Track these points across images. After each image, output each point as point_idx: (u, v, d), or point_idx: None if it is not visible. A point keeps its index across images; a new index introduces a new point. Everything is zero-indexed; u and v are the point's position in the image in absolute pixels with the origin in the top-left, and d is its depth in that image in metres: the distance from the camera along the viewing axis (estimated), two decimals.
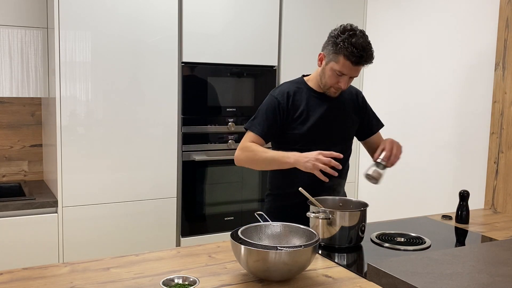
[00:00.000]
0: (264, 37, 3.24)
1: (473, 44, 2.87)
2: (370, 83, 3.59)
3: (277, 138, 2.12)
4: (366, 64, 1.96)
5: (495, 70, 2.67)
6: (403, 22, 3.33)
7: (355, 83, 3.57)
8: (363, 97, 2.24)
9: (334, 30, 1.99)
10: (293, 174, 1.99)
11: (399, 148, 2.05)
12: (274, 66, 3.32)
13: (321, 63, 2.03)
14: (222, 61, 3.13)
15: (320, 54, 2.04)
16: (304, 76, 2.17)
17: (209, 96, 3.11)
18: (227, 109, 3.17)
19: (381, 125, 2.27)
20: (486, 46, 2.77)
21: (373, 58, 1.96)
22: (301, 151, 1.97)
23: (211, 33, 3.06)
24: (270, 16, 3.25)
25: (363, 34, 1.94)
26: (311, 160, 1.86)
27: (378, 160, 2.00)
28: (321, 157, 1.86)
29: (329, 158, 1.85)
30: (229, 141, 3.17)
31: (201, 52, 3.05)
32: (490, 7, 2.75)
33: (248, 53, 3.20)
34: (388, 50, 3.41)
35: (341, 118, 2.13)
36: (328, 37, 2.01)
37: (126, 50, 2.83)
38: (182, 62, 3.01)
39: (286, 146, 2.07)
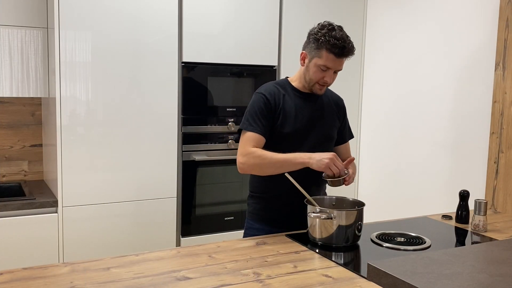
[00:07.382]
0: (264, 37, 3.24)
1: (473, 44, 2.87)
2: (370, 83, 3.59)
3: None
4: (348, 55, 1.98)
5: (495, 70, 2.67)
6: (403, 22, 3.33)
7: (353, 83, 3.60)
8: (344, 105, 2.25)
9: (313, 28, 2.03)
10: (276, 177, 1.98)
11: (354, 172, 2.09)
12: (274, 66, 3.31)
13: (304, 62, 2.06)
14: (222, 61, 3.12)
15: (302, 53, 2.06)
16: (287, 77, 2.18)
17: (209, 96, 3.11)
18: (227, 109, 3.17)
19: (352, 137, 2.30)
20: (486, 46, 2.77)
21: (354, 50, 1.99)
22: (286, 150, 1.96)
23: (211, 33, 3.06)
24: (270, 16, 3.25)
25: (341, 28, 1.99)
26: (327, 158, 1.88)
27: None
28: (335, 159, 1.89)
29: (342, 166, 1.91)
30: (229, 141, 3.17)
31: (201, 52, 3.05)
32: (490, 7, 2.75)
33: (248, 53, 3.20)
34: (388, 50, 3.41)
35: (326, 118, 2.13)
36: (307, 36, 2.04)
37: (126, 50, 2.83)
38: (182, 62, 3.01)
39: (271, 145, 2.02)
